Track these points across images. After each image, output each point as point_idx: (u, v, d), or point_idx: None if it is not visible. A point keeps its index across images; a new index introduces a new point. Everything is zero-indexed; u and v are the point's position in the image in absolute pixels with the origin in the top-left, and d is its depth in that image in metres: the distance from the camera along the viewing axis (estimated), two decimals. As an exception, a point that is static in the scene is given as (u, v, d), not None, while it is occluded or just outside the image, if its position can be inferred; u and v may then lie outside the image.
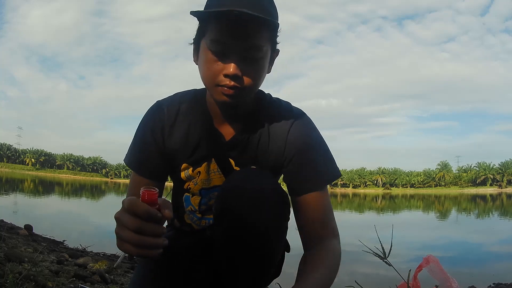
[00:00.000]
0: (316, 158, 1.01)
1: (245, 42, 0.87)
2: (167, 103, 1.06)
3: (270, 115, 1.03)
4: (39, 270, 2.21)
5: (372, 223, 1.19)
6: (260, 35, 0.88)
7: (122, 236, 0.71)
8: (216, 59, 0.88)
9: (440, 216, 17.73)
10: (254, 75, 0.91)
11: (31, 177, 59.82)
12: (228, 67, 0.87)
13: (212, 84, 0.91)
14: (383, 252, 1.37)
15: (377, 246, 1.38)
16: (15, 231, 4.71)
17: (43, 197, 18.66)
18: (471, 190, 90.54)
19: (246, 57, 0.88)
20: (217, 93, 0.91)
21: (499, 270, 4.75)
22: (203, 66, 0.92)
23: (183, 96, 1.07)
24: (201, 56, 0.93)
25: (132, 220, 0.70)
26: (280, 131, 1.02)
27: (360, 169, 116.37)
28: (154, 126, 1.03)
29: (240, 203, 0.84)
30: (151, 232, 0.71)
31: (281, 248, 0.98)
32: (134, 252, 0.71)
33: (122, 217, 0.71)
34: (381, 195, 64.46)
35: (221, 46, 0.87)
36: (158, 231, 0.72)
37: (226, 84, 0.88)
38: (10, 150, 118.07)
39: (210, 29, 0.88)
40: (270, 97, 1.08)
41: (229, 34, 0.86)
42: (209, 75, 0.90)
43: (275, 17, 0.91)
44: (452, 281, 1.22)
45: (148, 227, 0.70)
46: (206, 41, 0.90)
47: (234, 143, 1.02)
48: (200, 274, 1.04)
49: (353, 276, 3.57)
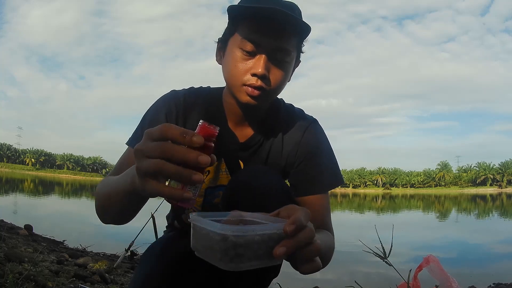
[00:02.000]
0: (324, 163, 1.04)
1: (277, 43, 0.88)
2: (184, 93, 1.04)
3: (285, 120, 1.05)
4: (39, 270, 2.21)
5: (372, 223, 1.18)
6: (290, 40, 0.90)
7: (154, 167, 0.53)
8: (246, 58, 0.89)
9: (440, 216, 17.72)
10: (280, 79, 0.92)
11: (31, 177, 59.81)
12: (257, 66, 0.87)
13: (238, 83, 0.90)
14: (383, 252, 1.37)
15: (377, 246, 1.38)
16: (15, 231, 4.71)
17: (43, 197, 18.65)
18: (471, 190, 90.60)
19: (275, 59, 0.89)
20: (241, 93, 0.91)
21: (499, 270, 4.75)
22: (229, 64, 0.92)
23: (199, 91, 1.06)
24: (228, 54, 0.93)
25: (184, 149, 0.54)
26: (294, 137, 1.04)
27: (360, 169, 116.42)
28: (168, 111, 1.00)
29: (247, 199, 0.83)
30: (196, 159, 0.53)
31: None
32: (187, 196, 0.55)
33: (164, 146, 0.54)
34: (381, 195, 64.47)
35: (253, 44, 0.87)
36: (205, 160, 0.53)
37: (253, 83, 0.88)
38: (10, 150, 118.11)
39: (242, 27, 0.89)
40: (284, 102, 1.10)
41: (263, 32, 0.87)
42: (236, 73, 0.90)
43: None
44: (452, 281, 1.22)
45: (192, 153, 0.53)
46: (236, 39, 0.90)
47: (247, 145, 1.02)
48: (201, 274, 1.03)
49: (353, 276, 3.57)
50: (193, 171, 0.54)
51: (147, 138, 0.56)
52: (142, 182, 0.56)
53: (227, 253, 0.54)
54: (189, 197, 0.55)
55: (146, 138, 0.56)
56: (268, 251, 0.56)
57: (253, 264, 0.56)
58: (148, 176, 0.56)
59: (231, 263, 0.54)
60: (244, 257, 0.55)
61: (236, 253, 0.54)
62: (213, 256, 0.56)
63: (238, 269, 0.55)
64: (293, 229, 0.56)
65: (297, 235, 0.57)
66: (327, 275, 4.34)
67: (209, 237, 0.56)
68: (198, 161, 0.53)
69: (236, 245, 0.54)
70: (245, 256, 0.55)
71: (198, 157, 0.53)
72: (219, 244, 0.54)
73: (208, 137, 0.56)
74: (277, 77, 0.91)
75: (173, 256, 0.97)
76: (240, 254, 0.54)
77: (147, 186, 0.56)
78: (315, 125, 1.07)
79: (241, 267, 0.55)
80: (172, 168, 0.53)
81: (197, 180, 0.54)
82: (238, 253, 0.54)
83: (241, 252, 0.54)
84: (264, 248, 0.56)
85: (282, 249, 0.56)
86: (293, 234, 0.56)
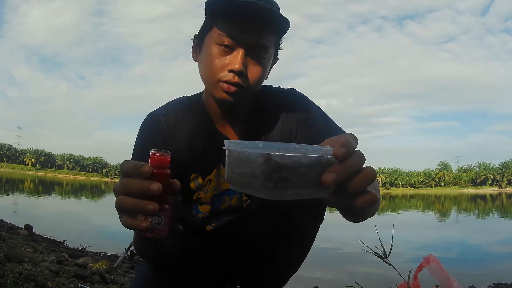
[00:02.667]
0: (318, 121, 1.00)
1: (255, 38, 0.86)
2: (162, 113, 1.00)
3: (267, 106, 1.02)
4: (39, 270, 2.21)
5: (372, 223, 1.19)
6: (269, 36, 0.88)
7: (117, 203, 0.59)
8: (222, 54, 0.87)
9: (440, 216, 17.72)
10: (257, 76, 0.90)
11: (31, 177, 59.82)
12: (234, 62, 0.85)
13: (214, 80, 0.88)
14: (384, 252, 1.37)
15: (377, 246, 1.38)
16: (15, 231, 4.71)
17: (43, 197, 18.65)
18: (471, 190, 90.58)
19: (252, 55, 0.88)
20: (217, 90, 0.89)
21: (499, 270, 4.76)
22: (206, 61, 0.90)
23: (176, 104, 1.03)
24: (205, 50, 0.91)
25: (137, 181, 0.57)
26: (281, 116, 1.01)
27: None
28: (154, 139, 0.96)
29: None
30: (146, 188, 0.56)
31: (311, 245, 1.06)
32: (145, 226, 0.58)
33: (123, 182, 0.58)
34: (381, 195, 64.38)
35: (230, 39, 0.86)
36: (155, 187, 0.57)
37: (229, 80, 0.86)
38: (10, 150, 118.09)
39: (220, 23, 0.87)
40: (262, 87, 1.06)
41: (241, 28, 0.85)
42: (212, 69, 0.88)
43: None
44: (453, 281, 1.22)
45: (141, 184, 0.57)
46: (213, 34, 0.88)
47: None
48: (205, 275, 1.03)
49: (353, 276, 3.58)
50: (147, 202, 0.56)
51: (120, 177, 0.61)
52: (119, 217, 0.61)
53: (270, 176, 0.47)
54: (147, 228, 0.58)
55: (120, 177, 0.61)
56: (316, 179, 0.49)
57: (299, 193, 0.49)
58: (119, 211, 0.60)
59: (274, 190, 0.47)
60: (289, 182, 0.47)
61: (281, 177, 0.47)
62: (254, 184, 0.49)
63: (281, 198, 0.48)
64: (345, 153, 0.49)
65: (347, 160, 0.50)
66: (327, 275, 4.34)
67: (250, 161, 0.49)
68: (149, 189, 0.56)
69: (281, 167, 0.47)
70: (291, 182, 0.48)
71: (149, 186, 0.56)
72: (262, 167, 0.47)
73: (160, 165, 0.59)
74: (254, 74, 0.89)
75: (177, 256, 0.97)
76: (286, 178, 0.47)
77: (121, 221, 0.60)
78: (294, 95, 1.04)
79: (285, 195, 0.48)
80: (130, 201, 0.57)
81: (151, 210, 0.56)
82: (284, 176, 0.47)
83: (286, 175, 0.47)
84: (311, 173, 0.49)
85: (332, 175, 0.49)
86: (344, 158, 0.49)
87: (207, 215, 1.01)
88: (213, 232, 1.04)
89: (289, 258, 1.03)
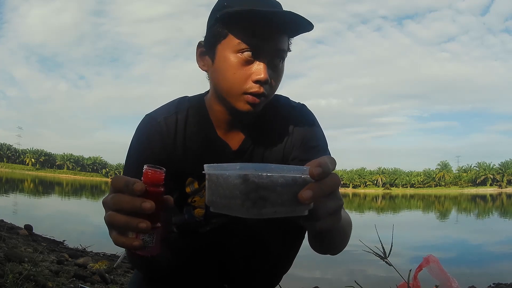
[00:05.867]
0: (320, 145, 1.00)
1: (277, 44, 0.83)
2: (162, 114, 0.95)
3: (273, 116, 0.99)
4: (39, 270, 2.21)
5: (372, 223, 1.19)
6: (285, 39, 0.86)
7: (108, 219, 0.57)
8: (244, 63, 0.82)
9: (440, 216, 17.72)
10: (278, 83, 0.88)
11: (31, 177, 59.84)
12: (259, 71, 0.81)
13: (237, 92, 0.84)
14: (384, 252, 1.37)
15: (377, 246, 1.38)
16: (15, 231, 4.72)
17: (43, 197, 18.65)
18: (471, 190, 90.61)
19: (273, 62, 0.85)
20: (241, 102, 0.85)
21: (499, 270, 4.76)
22: (225, 72, 0.84)
23: (177, 106, 0.98)
24: (221, 60, 0.85)
25: (129, 198, 0.56)
26: (286, 129, 0.99)
27: (360, 169, 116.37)
28: (152, 143, 0.92)
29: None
30: (138, 206, 0.55)
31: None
32: (136, 245, 0.57)
33: (114, 198, 0.57)
34: (381, 195, 64.47)
35: (252, 48, 0.82)
36: (148, 206, 0.55)
37: (256, 91, 0.82)
38: (10, 150, 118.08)
39: (237, 31, 0.82)
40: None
41: (263, 36, 0.81)
42: (235, 81, 0.83)
43: None
44: (452, 281, 1.22)
45: (134, 201, 0.55)
46: (230, 43, 0.83)
47: (240, 151, 0.97)
48: (203, 273, 1.03)
49: (353, 276, 3.57)
50: (139, 220, 0.55)
51: (110, 191, 0.59)
52: (109, 232, 0.59)
53: (248, 196, 0.48)
54: (138, 247, 0.57)
55: (110, 191, 0.59)
56: (293, 197, 0.51)
57: (277, 211, 0.51)
58: (109, 228, 0.58)
59: (253, 208, 0.49)
60: (267, 201, 0.49)
61: (259, 196, 0.49)
62: (233, 205, 0.51)
63: (260, 216, 0.50)
64: (320, 172, 0.51)
65: (323, 180, 0.52)
66: (327, 275, 4.34)
67: (228, 183, 0.51)
68: (141, 208, 0.54)
69: (258, 187, 0.48)
70: (269, 201, 0.49)
71: (142, 204, 0.54)
72: (240, 188, 0.49)
73: (153, 182, 0.57)
74: (276, 81, 0.87)
75: (173, 257, 0.97)
76: (264, 197, 0.49)
77: (111, 237, 0.58)
78: (304, 112, 1.02)
79: (264, 213, 0.50)
80: (121, 219, 0.56)
81: (143, 228, 0.55)
82: (261, 195, 0.49)
83: (264, 195, 0.49)
84: (288, 192, 0.51)
85: (309, 192, 0.51)
86: (320, 177, 0.51)
87: (201, 219, 1.00)
88: (207, 235, 1.04)
89: (282, 256, 1.03)
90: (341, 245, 0.88)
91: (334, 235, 0.77)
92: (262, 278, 1.04)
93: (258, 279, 1.03)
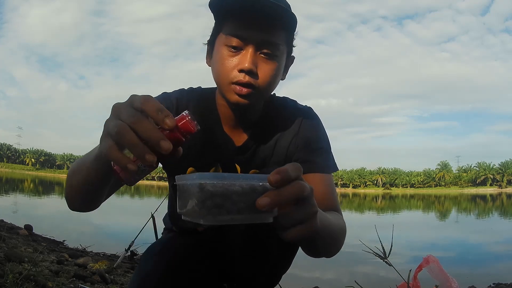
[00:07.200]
0: (323, 147, 1.02)
1: (263, 36, 0.85)
2: (176, 96, 0.99)
3: (279, 116, 1.01)
4: (39, 270, 2.21)
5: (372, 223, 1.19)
6: (277, 32, 0.86)
7: (116, 129, 0.51)
8: (232, 54, 0.86)
9: (440, 216, 17.72)
10: (269, 74, 0.87)
11: (31, 177, 59.79)
12: (244, 61, 0.84)
13: (226, 82, 0.87)
14: (383, 252, 1.38)
15: (377, 246, 1.38)
16: (15, 231, 4.71)
17: (43, 197, 18.64)
18: (471, 190, 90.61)
19: (262, 53, 0.86)
20: (230, 92, 0.87)
21: (499, 270, 4.76)
22: (217, 64, 0.89)
23: (190, 93, 1.02)
24: (215, 54, 0.90)
25: (152, 126, 0.51)
26: (291, 130, 1.00)
27: (360, 169, 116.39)
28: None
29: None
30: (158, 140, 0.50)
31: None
32: (130, 169, 0.51)
33: (135, 116, 0.51)
34: (381, 195, 64.45)
35: (238, 39, 0.85)
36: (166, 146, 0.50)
37: (240, 80, 0.85)
38: (10, 150, 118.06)
39: (225, 25, 0.87)
40: (276, 97, 1.06)
41: (247, 26, 0.84)
42: (223, 71, 0.87)
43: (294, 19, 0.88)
44: (452, 281, 1.22)
45: (157, 133, 0.50)
46: (221, 37, 0.88)
47: (244, 148, 0.99)
48: (202, 274, 1.03)
49: (353, 276, 3.57)
50: (149, 151, 0.50)
51: (129, 102, 0.54)
52: (102, 138, 0.54)
53: (204, 204, 0.49)
54: (132, 170, 0.51)
55: (128, 101, 0.54)
56: (252, 205, 0.51)
57: (235, 219, 0.51)
58: (109, 136, 0.53)
59: (208, 215, 0.49)
60: (223, 208, 0.50)
61: (214, 203, 0.49)
62: (193, 212, 0.51)
63: (217, 223, 0.51)
64: (278, 179, 0.50)
65: (284, 187, 0.51)
66: (327, 275, 4.33)
67: (189, 191, 0.52)
68: (159, 143, 0.50)
69: (213, 195, 0.49)
70: (225, 208, 0.50)
71: (161, 140, 0.50)
72: (197, 195, 0.49)
73: (183, 130, 0.54)
74: (266, 72, 0.87)
75: (172, 256, 0.97)
76: (219, 204, 0.50)
77: (103, 143, 0.53)
78: (310, 114, 1.04)
79: (220, 220, 0.50)
80: (131, 136, 0.50)
81: (148, 160, 0.50)
82: (216, 203, 0.50)
83: (219, 202, 0.50)
84: (246, 200, 0.51)
85: (265, 199, 0.50)
86: (278, 184, 0.50)
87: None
88: (206, 234, 1.05)
89: (282, 256, 1.04)
90: (331, 250, 0.85)
91: (317, 241, 0.74)
92: (262, 277, 1.04)
93: (258, 278, 1.03)
